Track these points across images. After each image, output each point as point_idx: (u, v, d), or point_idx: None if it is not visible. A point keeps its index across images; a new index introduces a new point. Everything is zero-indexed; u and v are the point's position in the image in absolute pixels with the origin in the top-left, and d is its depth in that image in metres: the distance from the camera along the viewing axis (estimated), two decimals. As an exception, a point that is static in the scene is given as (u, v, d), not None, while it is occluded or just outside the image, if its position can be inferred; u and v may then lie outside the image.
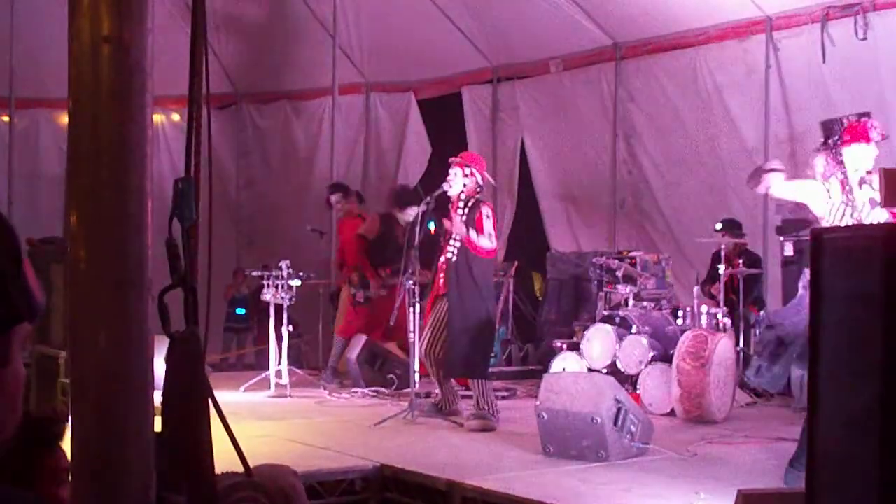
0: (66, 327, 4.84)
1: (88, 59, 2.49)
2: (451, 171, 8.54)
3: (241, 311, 14.32)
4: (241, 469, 2.86)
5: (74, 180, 2.53)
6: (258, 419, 8.61)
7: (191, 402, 2.61)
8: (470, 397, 8.64)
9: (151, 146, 2.63)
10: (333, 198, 11.59)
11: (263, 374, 10.38)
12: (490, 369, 8.85)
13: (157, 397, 2.68)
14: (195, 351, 2.64)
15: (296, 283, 10.40)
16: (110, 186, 2.52)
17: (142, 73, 2.55)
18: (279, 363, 10.29)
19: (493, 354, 9.40)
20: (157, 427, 2.64)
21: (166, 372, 2.66)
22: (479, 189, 8.52)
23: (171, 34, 9.26)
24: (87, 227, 2.53)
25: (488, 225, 8.37)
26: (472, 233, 8.26)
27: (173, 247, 2.64)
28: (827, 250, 4.95)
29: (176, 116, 14.38)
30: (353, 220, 11.31)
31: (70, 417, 2.63)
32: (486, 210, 8.41)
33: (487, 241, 8.33)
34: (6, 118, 14.18)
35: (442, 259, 8.53)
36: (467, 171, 8.48)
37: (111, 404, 2.58)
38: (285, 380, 10.16)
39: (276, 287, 10.29)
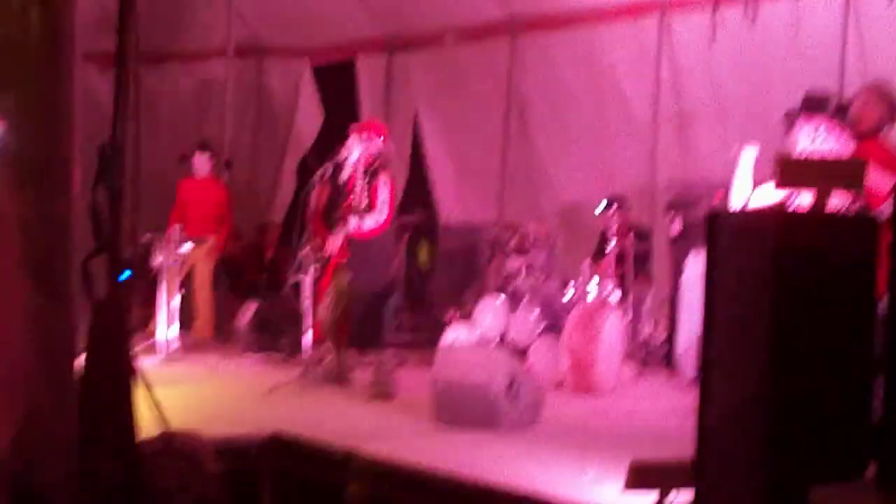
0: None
1: (17, 21, 2.46)
2: (350, 137, 8.55)
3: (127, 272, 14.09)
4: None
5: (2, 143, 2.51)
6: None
7: (113, 366, 2.61)
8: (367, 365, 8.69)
9: (76, 111, 2.61)
10: (204, 157, 11.42)
11: (152, 340, 10.25)
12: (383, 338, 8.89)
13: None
14: (118, 315, 2.64)
15: (187, 247, 10.32)
16: (35, 153, 2.51)
17: (70, 33, 2.54)
18: (170, 328, 10.17)
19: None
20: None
21: (88, 337, 2.65)
22: (377, 157, 8.53)
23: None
24: (13, 187, 2.51)
25: (383, 194, 8.40)
26: (352, 223, 8.30)
27: (97, 212, 2.63)
28: (720, 230, 5.10)
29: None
30: (215, 182, 11.27)
31: None
32: (383, 178, 8.43)
33: (372, 219, 8.33)
34: None
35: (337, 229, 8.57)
36: (364, 136, 8.52)
37: (31, 373, 2.56)
38: (176, 345, 10.08)
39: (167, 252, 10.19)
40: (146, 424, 2.81)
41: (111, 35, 11.87)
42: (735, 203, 6.61)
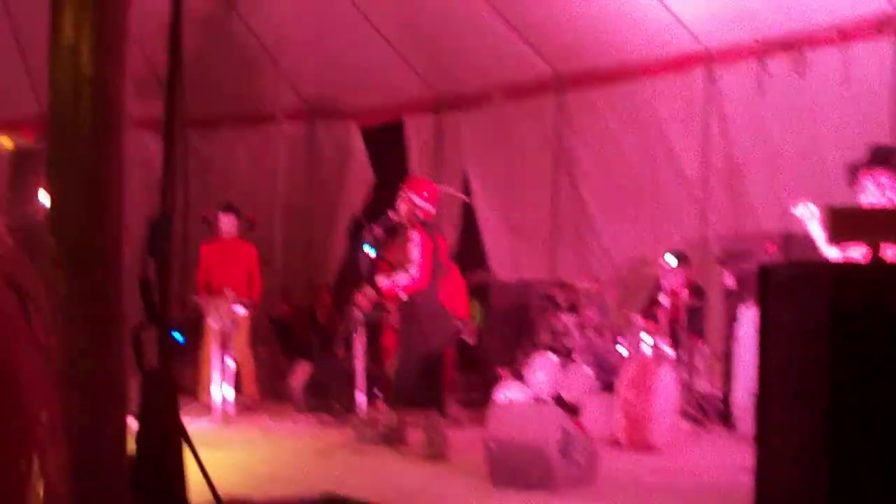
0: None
1: (69, 98, 2.50)
2: (399, 198, 8.63)
3: (179, 336, 14.18)
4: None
5: (55, 209, 2.54)
6: (202, 446, 8.51)
7: (165, 437, 2.62)
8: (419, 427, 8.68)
9: (128, 179, 2.64)
10: (228, 219, 11.43)
11: (206, 403, 10.32)
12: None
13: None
14: (168, 385, 2.65)
15: (241, 311, 10.40)
16: (89, 216, 2.54)
17: (120, 112, 2.57)
18: (222, 390, 10.23)
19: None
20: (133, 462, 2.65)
21: (139, 408, 2.67)
22: (416, 212, 8.54)
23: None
24: (66, 260, 2.53)
25: (413, 252, 8.41)
26: (386, 283, 8.32)
27: (148, 285, 2.65)
28: (773, 285, 5.07)
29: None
30: (243, 243, 11.37)
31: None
32: (413, 236, 8.45)
33: (406, 276, 8.34)
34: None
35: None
36: (405, 195, 8.57)
37: (85, 440, 2.57)
38: (229, 407, 10.14)
39: (221, 314, 10.27)
40: (197, 490, 2.81)
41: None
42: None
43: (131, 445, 2.64)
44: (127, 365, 2.61)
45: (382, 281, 8.39)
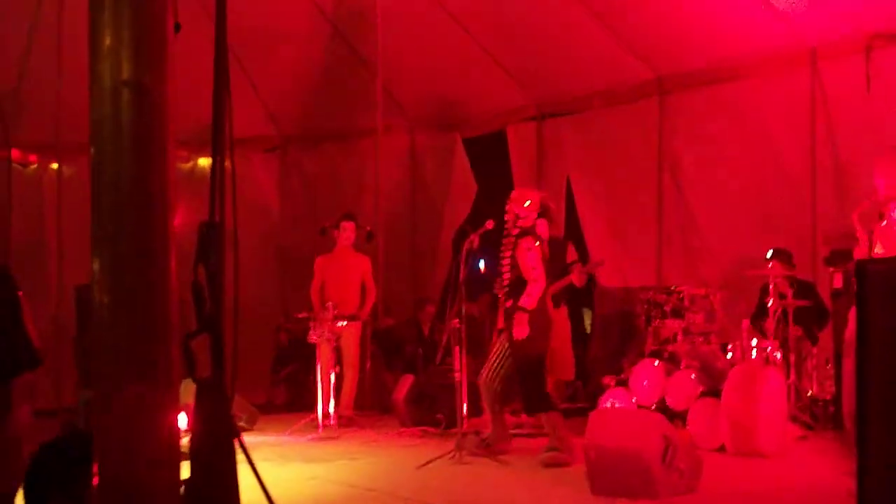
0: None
1: (109, 103, 2.49)
2: (507, 207, 8.61)
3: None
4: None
5: (97, 227, 2.53)
6: (305, 461, 8.60)
7: (218, 446, 2.58)
8: (522, 436, 8.62)
9: (175, 190, 2.62)
10: (349, 226, 11.35)
11: (311, 416, 10.38)
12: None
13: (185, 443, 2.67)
14: (221, 393, 2.62)
15: (342, 323, 10.44)
16: (132, 232, 2.51)
17: (163, 116, 2.54)
18: (327, 405, 10.28)
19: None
20: (185, 474, 2.62)
21: (194, 416, 2.64)
22: (518, 221, 8.50)
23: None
24: (110, 270, 2.52)
25: (528, 258, 8.35)
26: (523, 304, 8.25)
27: (199, 290, 2.62)
28: (871, 282, 4.88)
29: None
30: (357, 255, 11.32)
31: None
32: (525, 244, 8.39)
33: (532, 287, 8.29)
34: (55, 165, 14.31)
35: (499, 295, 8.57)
36: (514, 205, 8.54)
37: (137, 453, 2.55)
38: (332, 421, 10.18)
39: (325, 328, 10.32)
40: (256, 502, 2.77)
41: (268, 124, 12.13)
42: None
43: (184, 454, 2.61)
44: (177, 373, 2.58)
45: (524, 300, 8.30)
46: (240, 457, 2.79)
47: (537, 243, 8.47)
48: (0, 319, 1.15)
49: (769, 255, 9.98)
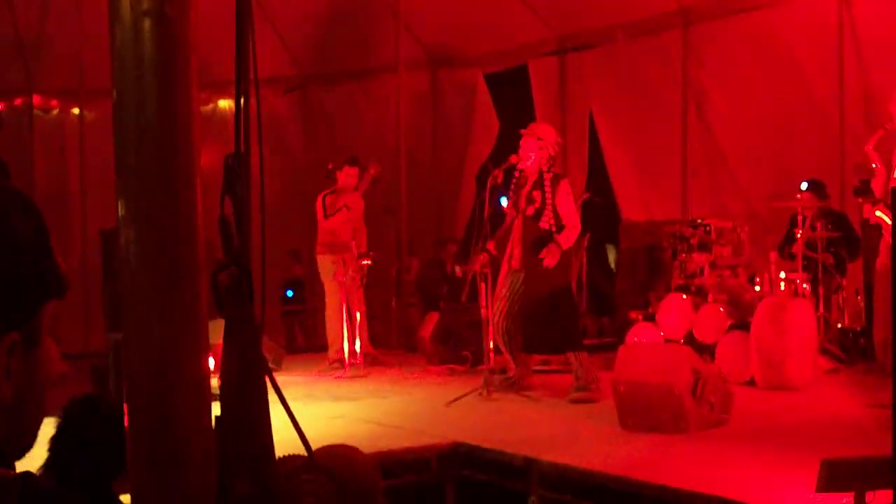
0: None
1: (130, 35, 2.42)
2: (522, 143, 8.44)
3: (290, 292, 14.32)
4: (304, 452, 2.80)
5: (121, 161, 2.47)
6: (333, 399, 8.62)
7: (249, 384, 2.54)
8: (546, 372, 8.58)
9: (200, 124, 2.55)
10: (352, 171, 11.17)
11: (338, 356, 10.37)
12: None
13: (215, 383, 2.63)
14: (252, 331, 2.57)
15: (366, 262, 10.39)
16: (158, 167, 2.45)
17: (186, 47, 2.47)
18: (353, 344, 10.26)
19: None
20: (216, 412, 2.58)
21: (223, 353, 2.59)
22: (551, 160, 8.40)
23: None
24: (135, 208, 2.47)
25: (569, 202, 8.32)
26: (559, 241, 8.17)
27: (226, 224, 2.57)
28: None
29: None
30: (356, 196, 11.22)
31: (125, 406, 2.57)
32: (565, 188, 8.34)
33: (570, 231, 8.24)
34: (76, 110, 14.30)
35: (516, 232, 8.46)
36: (540, 142, 8.38)
37: (167, 392, 2.51)
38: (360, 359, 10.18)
39: (347, 268, 10.28)
40: (287, 440, 2.73)
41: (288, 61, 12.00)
42: None
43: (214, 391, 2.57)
44: (205, 309, 2.53)
45: (562, 239, 8.23)
46: (271, 395, 2.75)
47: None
48: (26, 244, 1.12)
49: (803, 186, 9.83)
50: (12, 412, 1.36)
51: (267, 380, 2.65)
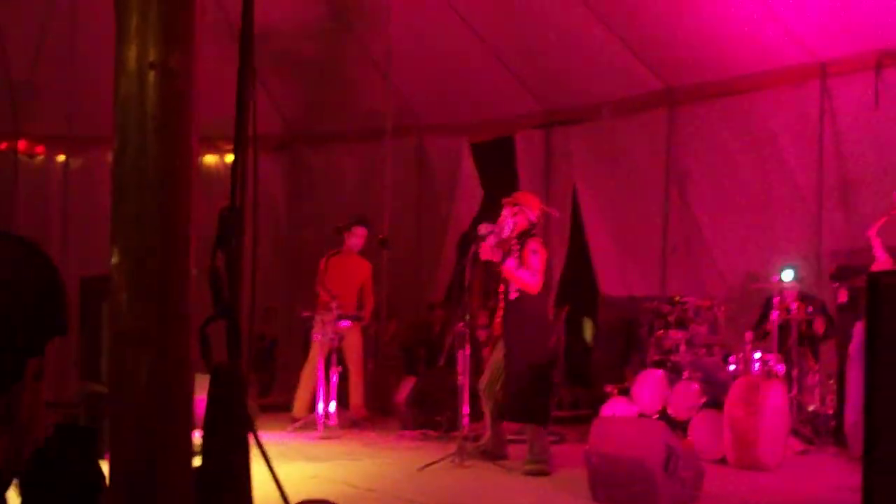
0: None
1: (135, 86, 2.49)
2: (503, 211, 8.54)
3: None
4: (281, 504, 2.82)
5: (118, 210, 2.53)
6: (306, 460, 8.61)
7: (231, 434, 2.58)
8: (520, 442, 8.58)
9: (197, 176, 2.62)
10: (362, 231, 11.37)
11: (311, 416, 10.38)
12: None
13: (197, 435, 2.65)
14: (237, 382, 2.61)
15: (345, 324, 10.42)
16: (154, 217, 2.51)
17: (188, 100, 2.54)
18: (328, 405, 10.27)
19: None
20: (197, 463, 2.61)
21: (208, 404, 2.63)
22: (530, 227, 8.49)
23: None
24: (130, 258, 2.51)
25: (534, 260, 8.33)
26: (511, 263, 8.24)
27: (217, 277, 2.62)
28: (883, 294, 4.87)
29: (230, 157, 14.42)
30: (360, 259, 11.34)
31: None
32: (532, 245, 8.37)
33: (529, 275, 8.28)
34: (62, 157, 14.32)
35: (499, 299, 8.52)
36: (515, 209, 8.49)
37: (151, 439, 2.54)
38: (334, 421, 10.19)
39: (327, 328, 10.31)
40: (266, 496, 2.76)
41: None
42: None
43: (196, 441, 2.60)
44: (192, 359, 2.57)
45: (509, 262, 8.29)
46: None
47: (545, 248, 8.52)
48: (38, 279, 1.14)
49: (783, 272, 9.92)
50: (25, 432, 1.40)
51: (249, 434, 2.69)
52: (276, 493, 2.82)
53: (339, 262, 11.19)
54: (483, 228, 8.59)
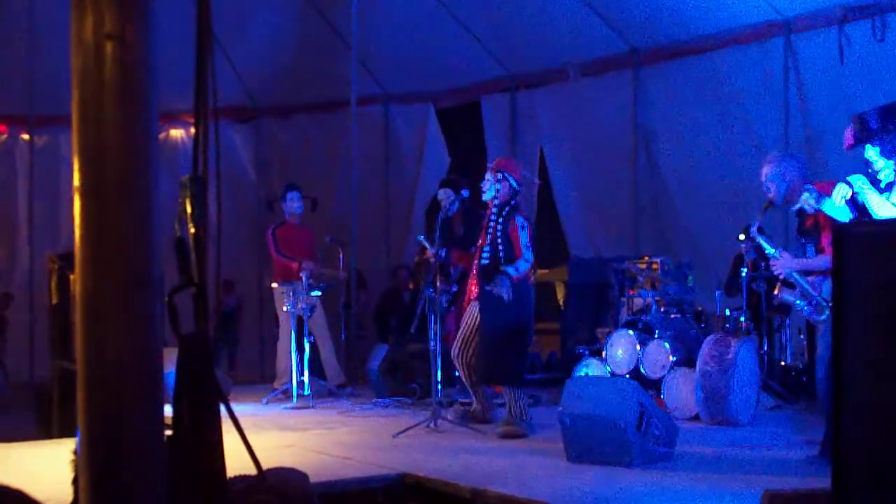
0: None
1: (92, 58, 2.46)
2: (486, 175, 8.49)
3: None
4: (253, 472, 2.82)
5: (81, 181, 2.51)
6: (280, 430, 8.61)
7: (201, 403, 2.58)
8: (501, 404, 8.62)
9: (157, 145, 2.60)
10: (295, 196, 11.37)
11: (285, 386, 10.39)
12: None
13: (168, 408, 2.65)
14: (205, 351, 2.60)
15: (316, 293, 10.41)
16: (116, 187, 2.49)
17: (147, 70, 2.52)
18: (301, 374, 10.27)
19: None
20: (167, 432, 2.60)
21: (176, 373, 2.62)
22: (513, 194, 8.42)
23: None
24: (93, 228, 2.50)
25: (523, 236, 8.29)
26: (511, 270, 8.21)
27: (182, 245, 2.61)
28: (851, 244, 4.88)
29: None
30: (305, 227, 11.37)
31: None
32: (519, 220, 8.32)
33: (524, 262, 8.26)
34: (26, 136, 14.24)
35: (475, 264, 8.49)
36: (499, 176, 8.41)
37: (120, 412, 2.53)
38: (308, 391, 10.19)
39: (297, 298, 10.29)
40: (238, 463, 2.77)
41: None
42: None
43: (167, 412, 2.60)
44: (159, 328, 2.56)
45: (512, 271, 8.24)
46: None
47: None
48: None
49: (742, 237, 9.96)
50: None
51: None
52: (250, 463, 2.82)
53: (287, 233, 11.14)
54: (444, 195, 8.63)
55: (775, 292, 7.38)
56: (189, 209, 2.64)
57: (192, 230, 2.65)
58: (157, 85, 2.59)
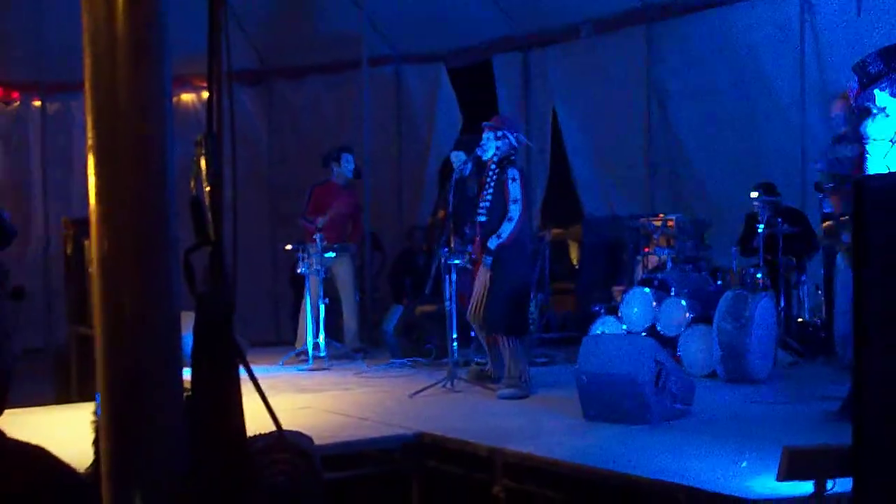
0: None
1: (103, 14, 2.42)
2: (484, 134, 8.44)
3: None
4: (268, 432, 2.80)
5: (94, 140, 2.47)
6: (297, 391, 8.62)
7: (220, 359, 2.54)
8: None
9: (171, 101, 2.56)
10: (350, 158, 11.36)
11: (302, 348, 10.39)
12: (530, 334, 8.76)
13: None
14: (223, 309, 2.57)
15: (330, 255, 10.40)
16: (130, 144, 2.45)
17: (160, 26, 2.48)
18: (317, 336, 10.27)
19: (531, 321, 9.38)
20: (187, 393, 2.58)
21: (194, 333, 2.59)
22: (512, 151, 8.40)
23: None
24: (107, 185, 2.46)
25: (513, 190, 8.22)
26: (493, 242, 8.17)
27: (197, 204, 2.56)
28: (870, 198, 4.83)
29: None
30: (347, 189, 11.35)
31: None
32: (511, 173, 8.26)
33: (507, 223, 8.17)
34: (38, 103, 14.21)
35: (477, 221, 8.47)
36: (499, 133, 8.37)
37: (138, 374, 2.51)
38: (324, 352, 10.19)
39: (312, 260, 10.28)
40: (256, 422, 2.75)
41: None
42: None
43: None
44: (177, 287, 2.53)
45: (494, 242, 8.19)
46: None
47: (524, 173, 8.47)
48: None
49: (755, 194, 9.88)
50: None
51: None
52: (269, 424, 2.80)
53: (327, 193, 11.11)
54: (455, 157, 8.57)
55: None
56: (204, 167, 2.59)
57: (208, 188, 2.61)
58: (171, 42, 2.55)
